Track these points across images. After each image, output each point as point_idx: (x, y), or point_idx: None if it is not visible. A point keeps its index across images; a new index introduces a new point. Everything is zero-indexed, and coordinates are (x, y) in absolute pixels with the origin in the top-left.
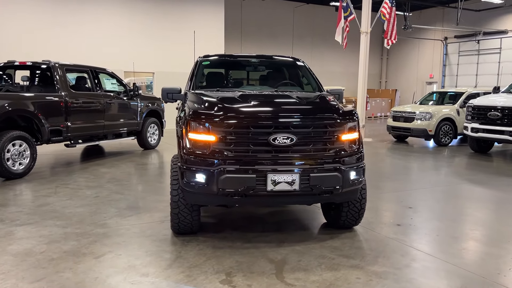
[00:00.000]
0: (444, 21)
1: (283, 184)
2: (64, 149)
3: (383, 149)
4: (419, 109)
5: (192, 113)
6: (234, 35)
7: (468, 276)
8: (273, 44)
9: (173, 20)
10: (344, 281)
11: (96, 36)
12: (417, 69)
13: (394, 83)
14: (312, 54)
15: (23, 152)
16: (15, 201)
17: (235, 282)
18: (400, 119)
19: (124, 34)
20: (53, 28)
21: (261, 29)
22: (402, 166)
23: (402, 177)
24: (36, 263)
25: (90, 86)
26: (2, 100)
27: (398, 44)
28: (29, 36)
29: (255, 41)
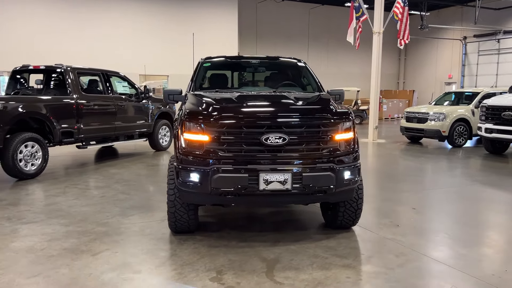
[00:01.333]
0: (463, 20)
1: (276, 184)
2: (79, 151)
3: (395, 151)
4: (433, 109)
5: (187, 113)
6: (249, 37)
7: (461, 276)
8: (288, 46)
9: (187, 23)
10: (334, 280)
11: (111, 40)
12: (436, 70)
13: (412, 83)
14: (328, 55)
15: (35, 153)
16: (25, 200)
17: (224, 280)
18: (413, 120)
19: (139, 38)
20: (69, 32)
21: (276, 30)
22: (412, 167)
23: (410, 178)
24: (35, 260)
25: (101, 89)
26: (14, 103)
27: (416, 44)
28: (45, 40)
29: (270, 43)
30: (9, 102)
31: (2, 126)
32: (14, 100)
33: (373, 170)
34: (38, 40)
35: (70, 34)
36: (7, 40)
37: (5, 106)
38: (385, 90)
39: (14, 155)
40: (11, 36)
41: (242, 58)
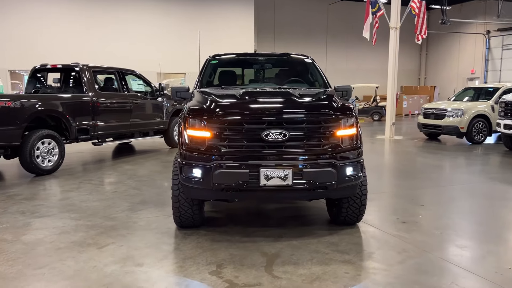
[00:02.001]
0: (486, 14)
1: (276, 179)
2: (97, 148)
3: (412, 147)
4: (451, 105)
5: (189, 110)
6: (267, 34)
7: (462, 273)
8: (307, 43)
9: (204, 21)
10: (331, 275)
11: (130, 39)
12: (458, 65)
13: (434, 79)
14: (347, 52)
15: (52, 149)
16: (40, 195)
17: (223, 274)
18: (430, 116)
19: (157, 36)
20: (89, 32)
21: (294, 27)
22: (426, 164)
23: (423, 175)
24: (44, 252)
25: (117, 87)
26: (31, 101)
27: (437, 39)
28: (64, 40)
29: (288, 40)
30: (26, 100)
31: (19, 123)
32: (31, 98)
33: (386, 167)
34: (58, 40)
35: (89, 33)
36: (29, 41)
37: (22, 104)
38: (406, 86)
39: (32, 151)
40: (33, 36)
41: (249, 55)
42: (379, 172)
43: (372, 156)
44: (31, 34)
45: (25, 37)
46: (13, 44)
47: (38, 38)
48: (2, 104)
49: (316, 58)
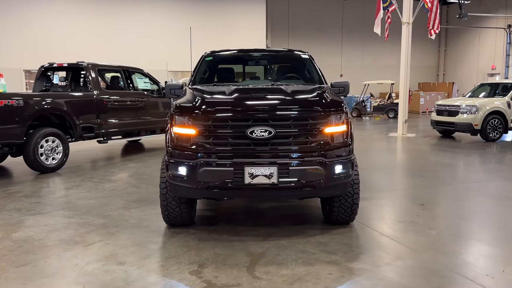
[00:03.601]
0: (507, 7)
1: (261, 177)
2: (106, 146)
3: (423, 145)
4: (465, 102)
5: (175, 107)
6: (281, 31)
7: (451, 276)
8: (321, 39)
9: (214, 17)
10: (314, 276)
11: (140, 38)
12: (478, 60)
13: (453, 76)
14: (363, 48)
15: (56, 147)
16: (39, 192)
17: (203, 273)
18: (444, 113)
19: (166, 35)
20: (101, 31)
21: (309, 24)
22: (435, 162)
23: (429, 174)
24: (30, 249)
25: (123, 85)
26: (34, 99)
27: (457, 34)
28: (74, 39)
29: (302, 37)
30: (29, 99)
31: (22, 121)
32: (33, 97)
33: (392, 165)
34: (70, 39)
35: (101, 33)
36: (42, 40)
37: (24, 102)
38: (423, 83)
39: (35, 149)
40: (47, 36)
41: (244, 51)
42: (384, 170)
43: (380, 154)
44: (44, 33)
45: (39, 36)
46: (27, 44)
47: (51, 38)
48: (4, 103)
49: (331, 55)
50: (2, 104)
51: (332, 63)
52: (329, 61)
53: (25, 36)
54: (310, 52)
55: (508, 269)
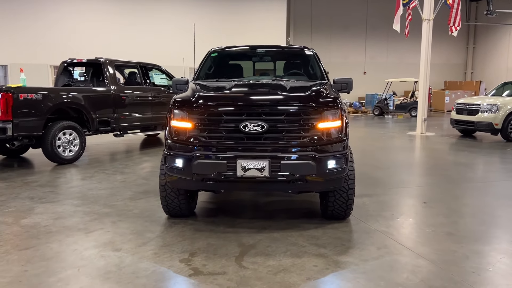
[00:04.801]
0: None
1: (253, 171)
2: (125, 139)
3: (440, 144)
4: (486, 100)
5: (173, 101)
6: (304, 28)
7: (436, 272)
8: (345, 36)
9: (233, 15)
10: (299, 267)
11: (162, 35)
12: (508, 58)
13: (481, 74)
14: (388, 46)
15: (73, 140)
16: (53, 182)
17: (193, 262)
18: (463, 111)
19: (188, 31)
20: (125, 28)
21: (332, 21)
22: (449, 161)
23: (440, 172)
24: (35, 235)
25: (140, 80)
26: (51, 93)
27: (486, 31)
28: (102, 35)
29: (325, 33)
30: (46, 93)
31: (40, 114)
32: (52, 91)
33: (404, 164)
34: (93, 36)
35: (123, 30)
36: (67, 37)
37: (43, 96)
38: (450, 81)
39: (53, 141)
40: (71, 32)
41: (249, 47)
42: (395, 168)
43: (394, 152)
44: (70, 30)
45: (66, 33)
46: (54, 40)
47: (77, 35)
48: (24, 96)
49: (355, 52)
50: (22, 98)
51: (355, 60)
52: (352, 58)
53: (52, 33)
54: (333, 49)
55: (496, 267)
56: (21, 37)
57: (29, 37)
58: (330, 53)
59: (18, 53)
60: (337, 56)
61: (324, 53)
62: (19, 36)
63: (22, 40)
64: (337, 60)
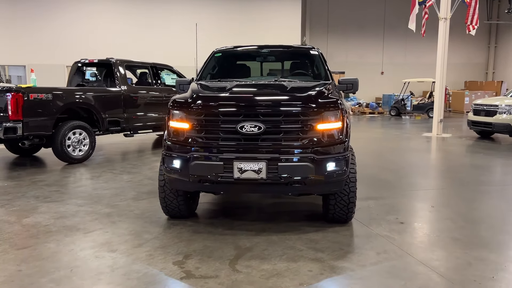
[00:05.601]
0: None
1: (250, 172)
2: (137, 139)
3: (456, 146)
4: (504, 101)
5: (171, 102)
6: (320, 28)
7: (436, 279)
8: (362, 36)
9: (246, 16)
10: (293, 272)
11: (175, 34)
12: None
13: (503, 74)
14: (406, 45)
15: (83, 140)
16: (60, 182)
17: (186, 264)
18: (481, 113)
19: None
20: (140, 29)
21: (349, 21)
22: (463, 164)
23: (452, 175)
24: (35, 234)
25: (150, 81)
26: (61, 94)
27: (508, 30)
28: (116, 36)
29: (342, 33)
30: (56, 93)
31: (50, 114)
32: (61, 91)
33: (416, 165)
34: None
35: (137, 31)
36: (82, 38)
37: (53, 96)
38: (470, 81)
39: (63, 141)
40: (87, 33)
41: (253, 47)
42: (405, 170)
43: (407, 154)
44: (86, 31)
45: (82, 34)
46: (71, 41)
47: (93, 36)
48: (34, 96)
49: (372, 52)
50: (32, 98)
51: (372, 60)
52: (369, 58)
53: (68, 34)
54: (349, 49)
55: (500, 275)
56: (39, 39)
57: (46, 39)
58: (346, 53)
59: (36, 54)
60: (353, 56)
61: (340, 53)
62: (37, 38)
63: (40, 41)
64: (353, 60)
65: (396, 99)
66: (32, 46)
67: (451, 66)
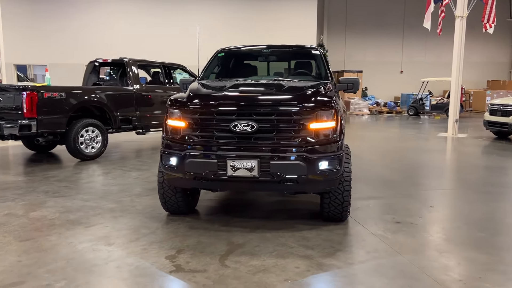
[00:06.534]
0: None
1: (242, 170)
2: (152, 137)
3: (470, 146)
4: None
5: (169, 100)
6: (338, 27)
7: (419, 278)
8: (381, 34)
9: (260, 15)
10: (280, 268)
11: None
12: None
13: None
14: (427, 44)
15: (95, 137)
16: (71, 178)
17: (177, 259)
18: (497, 113)
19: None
20: (157, 29)
21: (367, 19)
22: (473, 165)
23: (460, 176)
24: (39, 227)
25: (162, 80)
26: (74, 92)
27: None
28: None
29: (360, 32)
30: (69, 92)
31: (64, 112)
32: (74, 90)
33: (424, 166)
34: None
35: (156, 31)
36: (100, 37)
37: (66, 95)
38: (492, 81)
39: (76, 138)
40: (104, 33)
41: (255, 47)
42: (413, 171)
43: (418, 155)
44: (105, 31)
45: (100, 34)
46: (89, 41)
47: (111, 35)
48: (48, 95)
49: (391, 51)
50: (46, 96)
51: (391, 59)
52: (388, 57)
53: (87, 34)
54: (368, 48)
55: (487, 276)
56: (60, 39)
57: (66, 39)
58: (365, 52)
59: (57, 54)
60: (372, 55)
61: (358, 52)
62: (58, 38)
63: (61, 41)
64: (372, 59)
65: (414, 98)
66: (53, 46)
67: (473, 65)
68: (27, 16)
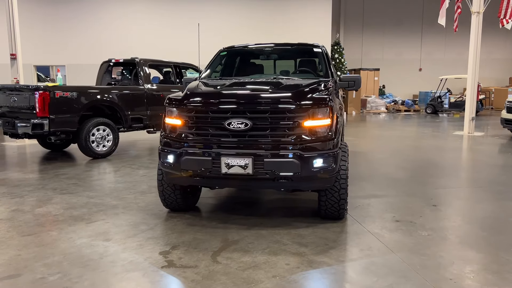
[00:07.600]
0: None
1: (237, 168)
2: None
3: (485, 145)
4: None
5: (167, 99)
6: (355, 25)
7: (410, 276)
8: (399, 31)
9: (273, 14)
10: (270, 265)
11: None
12: None
13: None
14: (446, 41)
15: (106, 136)
16: (80, 175)
17: (170, 254)
18: None
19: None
20: (172, 30)
21: (385, 17)
22: (485, 163)
23: (469, 175)
24: (43, 222)
25: (173, 79)
26: (85, 92)
27: None
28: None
29: (378, 29)
30: (81, 91)
31: (75, 111)
32: (85, 90)
33: (434, 164)
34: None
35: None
36: (117, 38)
37: (77, 94)
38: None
39: (87, 137)
40: (121, 34)
41: (256, 46)
42: (422, 169)
43: (430, 153)
44: (122, 32)
45: (117, 35)
46: (105, 42)
47: (128, 36)
48: (60, 94)
49: (409, 48)
50: (58, 96)
51: (410, 57)
52: (406, 54)
53: (104, 36)
54: (386, 45)
55: (480, 275)
56: (78, 40)
57: (84, 40)
58: (382, 49)
59: (75, 55)
60: (390, 53)
61: (376, 50)
62: (76, 40)
63: (78, 42)
64: (390, 56)
65: (432, 96)
66: (71, 47)
67: (494, 61)
68: (46, 18)
